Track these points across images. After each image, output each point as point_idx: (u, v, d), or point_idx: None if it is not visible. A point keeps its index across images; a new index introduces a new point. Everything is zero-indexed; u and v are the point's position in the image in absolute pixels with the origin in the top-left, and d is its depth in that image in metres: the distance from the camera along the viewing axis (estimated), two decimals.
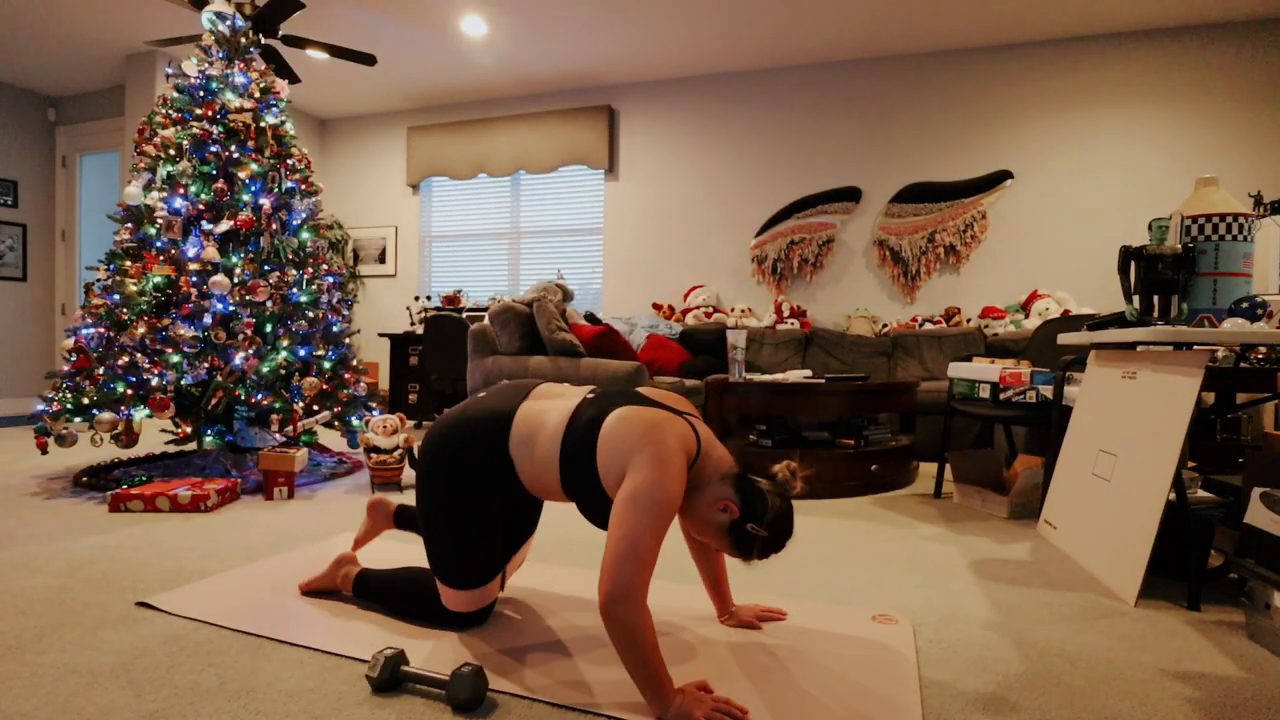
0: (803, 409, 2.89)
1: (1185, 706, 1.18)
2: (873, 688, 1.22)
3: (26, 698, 1.15)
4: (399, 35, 4.71)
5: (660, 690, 1.09)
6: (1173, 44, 4.44)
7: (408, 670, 1.20)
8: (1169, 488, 1.65)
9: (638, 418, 1.24)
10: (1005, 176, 4.72)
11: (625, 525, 1.12)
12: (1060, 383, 2.42)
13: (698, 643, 1.40)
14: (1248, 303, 1.87)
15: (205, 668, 1.27)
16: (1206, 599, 1.70)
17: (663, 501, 1.14)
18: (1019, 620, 1.55)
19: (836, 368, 4.54)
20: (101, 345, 2.80)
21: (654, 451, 1.18)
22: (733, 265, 5.28)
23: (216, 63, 3.14)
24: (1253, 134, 4.32)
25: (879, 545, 2.16)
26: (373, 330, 6.21)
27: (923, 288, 4.88)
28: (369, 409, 3.28)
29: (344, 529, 2.29)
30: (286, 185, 3.18)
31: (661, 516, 1.13)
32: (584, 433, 1.28)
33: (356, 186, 6.33)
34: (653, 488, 1.14)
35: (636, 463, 1.18)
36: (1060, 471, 2.25)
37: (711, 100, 5.32)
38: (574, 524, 2.39)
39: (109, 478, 2.91)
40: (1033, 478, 2.56)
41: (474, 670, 1.14)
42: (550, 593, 1.68)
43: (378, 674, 1.18)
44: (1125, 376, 2.02)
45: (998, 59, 4.74)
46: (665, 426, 1.22)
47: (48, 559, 1.90)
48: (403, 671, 1.19)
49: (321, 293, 3.19)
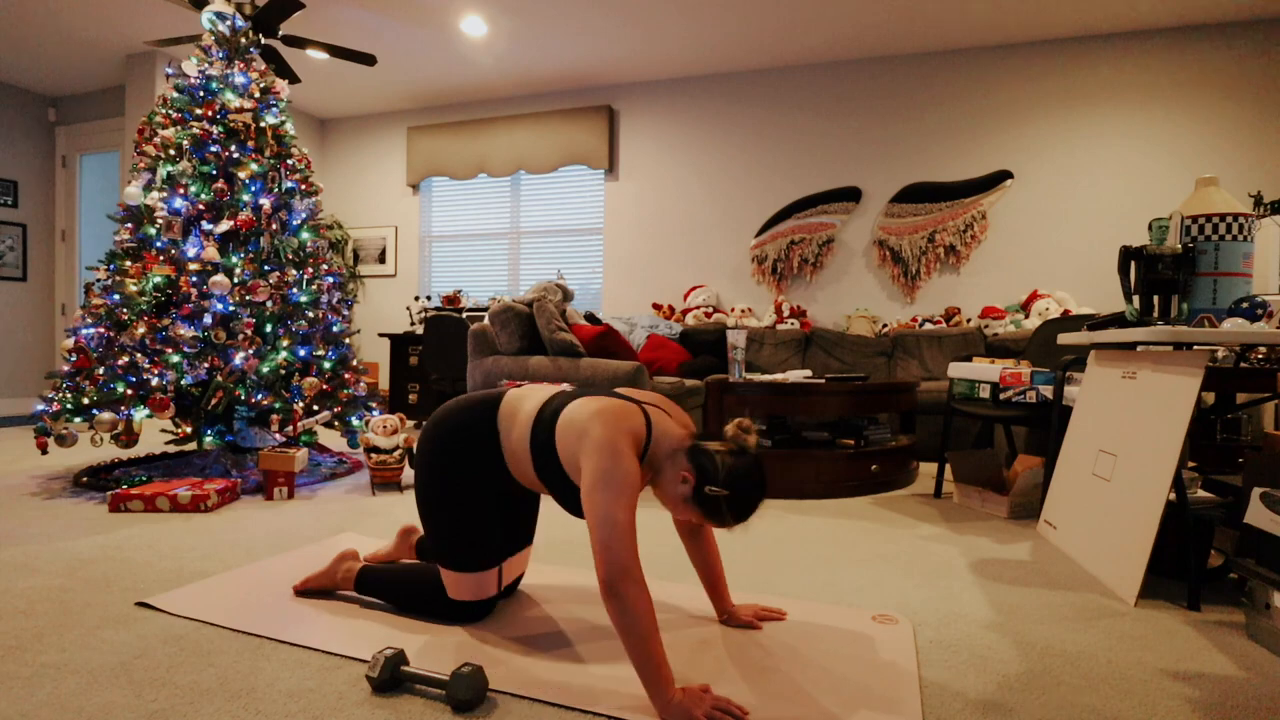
0: (803, 409, 2.89)
1: (1185, 706, 1.18)
2: (873, 688, 1.22)
3: (26, 698, 1.15)
4: (399, 35, 4.71)
5: (661, 683, 1.11)
6: (1173, 44, 4.44)
7: (407, 670, 1.20)
8: (1169, 488, 1.65)
9: (586, 408, 1.31)
10: (1005, 176, 4.72)
11: (599, 508, 1.18)
12: (1060, 383, 2.42)
13: (698, 643, 1.40)
14: (1248, 303, 1.87)
15: (205, 668, 1.27)
16: (1206, 599, 1.70)
17: (621, 479, 1.20)
18: (1019, 620, 1.55)
19: (836, 368, 4.54)
20: (101, 345, 2.80)
21: (599, 435, 1.25)
22: (733, 265, 5.28)
23: (216, 63, 3.14)
24: (1253, 134, 4.32)
25: (879, 545, 2.16)
26: (373, 330, 6.21)
27: (923, 288, 4.88)
28: (369, 409, 3.28)
29: (344, 529, 2.29)
30: (286, 185, 3.18)
31: (625, 492, 1.20)
32: (548, 423, 1.36)
33: (356, 186, 6.33)
34: (608, 470, 1.21)
35: (586, 450, 1.25)
36: (1060, 471, 2.25)
37: (711, 100, 5.32)
38: (574, 524, 2.39)
39: (109, 478, 2.91)
40: (1033, 478, 2.56)
41: (474, 670, 1.15)
42: (550, 593, 1.68)
43: (378, 674, 1.18)
44: (1125, 376, 2.02)
45: (998, 59, 4.74)
46: (610, 414, 1.29)
47: (48, 559, 1.90)
48: (402, 671, 1.20)
49: (321, 293, 3.19)
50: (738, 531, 2.32)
